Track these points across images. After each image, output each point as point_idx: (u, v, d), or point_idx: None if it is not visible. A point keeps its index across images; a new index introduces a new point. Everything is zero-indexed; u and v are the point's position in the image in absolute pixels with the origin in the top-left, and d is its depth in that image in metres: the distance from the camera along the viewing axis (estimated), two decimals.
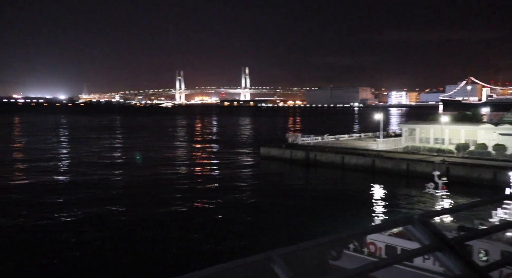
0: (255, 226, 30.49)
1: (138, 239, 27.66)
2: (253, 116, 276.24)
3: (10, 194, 40.67)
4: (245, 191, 43.72)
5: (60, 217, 32.96)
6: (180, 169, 57.34)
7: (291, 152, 62.45)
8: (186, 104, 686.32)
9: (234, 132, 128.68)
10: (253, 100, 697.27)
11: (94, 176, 50.28)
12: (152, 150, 78.68)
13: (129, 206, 36.18)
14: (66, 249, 25.66)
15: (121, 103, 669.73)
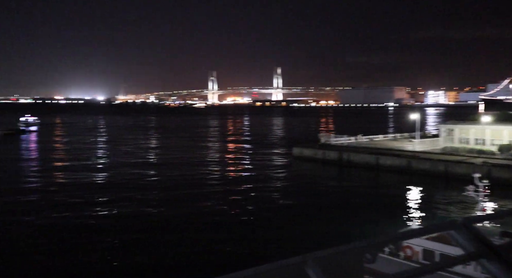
0: (287, 228, 30.18)
1: (169, 240, 27.98)
2: (285, 116, 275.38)
3: (43, 193, 42.47)
4: (277, 191, 43.60)
5: (94, 217, 34.02)
6: (212, 169, 57.94)
7: (324, 152, 61.72)
8: (218, 104, 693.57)
9: (266, 133, 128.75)
10: (285, 101, 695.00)
11: (129, 176, 51.66)
12: (185, 149, 80.00)
13: (160, 207, 36.81)
14: (100, 249, 26.43)
15: (155, 104, 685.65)
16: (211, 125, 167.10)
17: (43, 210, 34.91)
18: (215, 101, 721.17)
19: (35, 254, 25.16)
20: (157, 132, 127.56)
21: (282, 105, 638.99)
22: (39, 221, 31.70)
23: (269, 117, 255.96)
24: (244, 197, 40.23)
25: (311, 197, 40.79)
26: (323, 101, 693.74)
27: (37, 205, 36.87)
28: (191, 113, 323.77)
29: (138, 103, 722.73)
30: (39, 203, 37.55)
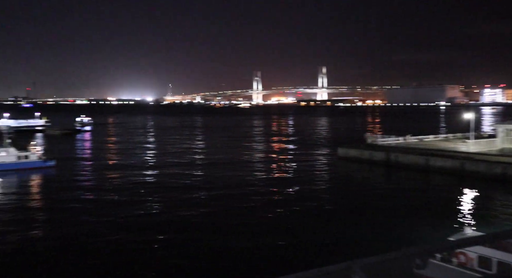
0: (333, 233, 29.45)
1: (210, 241, 28.33)
2: (330, 116, 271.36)
3: (96, 190, 44.49)
4: (321, 194, 42.94)
5: (141, 215, 35.20)
6: (256, 169, 58.18)
7: (371, 152, 60.08)
8: (263, 104, 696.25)
9: (311, 133, 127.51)
10: (330, 100, 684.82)
11: (175, 175, 53.04)
12: (230, 149, 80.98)
13: (203, 207, 37.38)
14: (147, 249, 27.27)
15: (201, 104, 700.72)
16: (255, 125, 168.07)
17: (97, 207, 36.68)
18: (259, 101, 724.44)
19: (87, 250, 26.48)
20: (203, 132, 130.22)
21: (327, 105, 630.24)
22: (91, 218, 33.33)
23: (314, 117, 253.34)
24: (288, 199, 39.92)
25: (357, 199, 39.79)
26: (370, 101, 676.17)
27: (92, 202, 38.80)
28: (236, 113, 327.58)
29: (185, 103, 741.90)
30: (93, 200, 39.51)
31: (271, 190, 43.41)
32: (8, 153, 53.79)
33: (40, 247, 26.48)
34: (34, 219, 32.82)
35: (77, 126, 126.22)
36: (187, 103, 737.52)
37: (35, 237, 28.39)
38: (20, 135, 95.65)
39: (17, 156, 54.28)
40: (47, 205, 37.30)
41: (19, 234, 28.83)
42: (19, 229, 29.91)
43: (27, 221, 31.87)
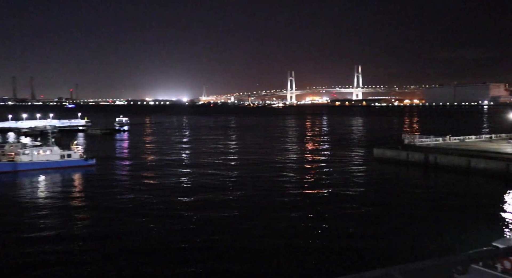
0: (369, 237, 28.80)
1: (243, 244, 28.38)
2: (365, 116, 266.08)
3: (130, 191, 45.65)
4: (357, 196, 42.09)
5: (175, 217, 35.79)
6: (289, 170, 57.90)
7: (408, 153, 58.39)
8: (296, 104, 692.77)
9: (345, 133, 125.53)
10: (366, 100, 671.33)
11: (209, 174, 53.66)
12: (263, 149, 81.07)
13: (237, 209, 37.56)
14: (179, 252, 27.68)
15: (235, 104, 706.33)
16: (289, 125, 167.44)
17: (134, 205, 37.74)
18: (293, 101, 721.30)
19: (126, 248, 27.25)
20: (236, 131, 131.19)
21: (363, 105, 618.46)
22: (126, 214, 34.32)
23: (349, 117, 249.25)
24: (322, 202, 39.31)
25: (395, 202, 38.71)
26: (407, 100, 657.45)
27: (130, 200, 39.95)
28: (269, 113, 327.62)
29: (219, 103, 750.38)
30: (130, 198, 40.67)
31: (305, 192, 42.96)
32: (52, 151, 56.41)
33: (81, 243, 27.53)
34: (76, 215, 34.17)
35: (116, 126, 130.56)
36: (221, 104, 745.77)
37: (77, 232, 29.56)
38: (63, 134, 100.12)
39: (60, 155, 56.81)
40: (87, 202, 38.75)
41: (62, 229, 30.13)
42: (62, 224, 31.27)
43: (69, 217, 33.24)
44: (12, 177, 50.24)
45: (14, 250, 25.77)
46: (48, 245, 26.72)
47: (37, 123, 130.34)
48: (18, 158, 53.83)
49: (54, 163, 55.59)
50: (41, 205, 37.16)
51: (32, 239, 27.97)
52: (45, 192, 42.81)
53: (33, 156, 54.67)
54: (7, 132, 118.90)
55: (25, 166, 53.63)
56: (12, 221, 32.12)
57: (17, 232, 29.36)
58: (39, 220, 32.38)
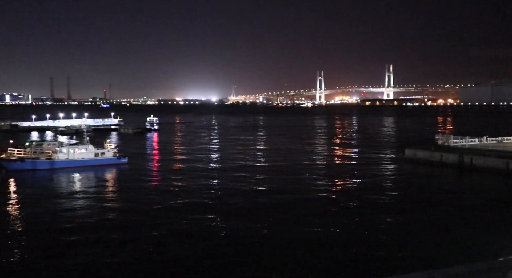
0: (406, 241, 28.12)
1: (276, 250, 28.34)
2: (397, 116, 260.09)
3: (160, 190, 46.43)
4: (387, 198, 41.18)
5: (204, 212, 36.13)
6: (318, 171, 57.37)
7: (442, 154, 56.61)
8: (326, 104, 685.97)
9: (376, 133, 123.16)
10: (397, 100, 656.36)
11: (238, 175, 53.90)
12: (291, 150, 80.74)
13: (265, 211, 37.53)
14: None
15: (264, 104, 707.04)
16: (318, 125, 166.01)
17: (163, 204, 38.48)
18: (322, 101, 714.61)
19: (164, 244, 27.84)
20: (264, 131, 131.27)
21: (394, 105, 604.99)
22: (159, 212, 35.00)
23: (379, 117, 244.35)
24: (352, 205, 38.60)
25: (426, 205, 37.60)
26: (441, 100, 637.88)
27: (159, 199, 40.75)
28: (298, 113, 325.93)
29: (248, 103, 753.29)
30: (160, 197, 41.49)
31: (333, 194, 42.24)
32: (87, 150, 58.32)
33: (115, 240, 28.33)
34: (108, 211, 35.20)
35: (148, 125, 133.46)
36: (249, 103, 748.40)
37: (112, 229, 30.44)
38: (97, 133, 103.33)
39: (94, 153, 58.66)
40: (120, 198, 39.81)
41: (95, 222, 31.15)
42: (95, 218, 32.32)
43: (102, 213, 34.30)
44: (50, 174, 52.29)
45: (50, 240, 26.85)
46: (80, 236, 27.65)
47: (73, 122, 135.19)
48: (55, 156, 55.95)
49: (88, 161, 57.44)
50: (76, 201, 38.48)
51: (67, 230, 29.01)
52: (80, 189, 44.30)
53: (70, 154, 56.67)
54: (45, 131, 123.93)
55: (62, 163, 55.67)
56: (49, 215, 33.44)
57: (54, 223, 30.56)
58: (74, 214, 33.55)
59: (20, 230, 30.18)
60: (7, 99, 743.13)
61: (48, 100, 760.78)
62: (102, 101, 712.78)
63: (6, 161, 54.11)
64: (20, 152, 56.08)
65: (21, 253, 25.52)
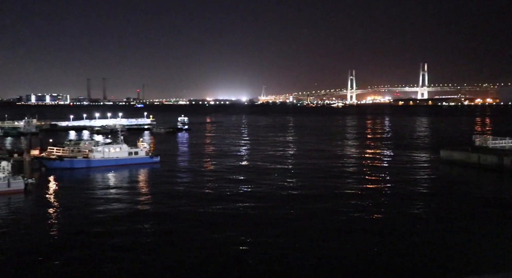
0: (442, 246, 27.31)
1: (306, 251, 28.18)
2: (431, 116, 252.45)
3: (192, 189, 47.01)
4: (421, 201, 40.07)
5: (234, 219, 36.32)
6: (349, 171, 56.56)
7: (479, 156, 54.48)
8: (357, 104, 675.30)
9: (409, 133, 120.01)
10: (432, 99, 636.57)
11: (267, 176, 53.91)
12: (322, 150, 79.97)
13: (292, 213, 37.35)
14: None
15: (294, 104, 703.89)
16: (349, 125, 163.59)
17: (194, 203, 39.06)
18: (353, 101, 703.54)
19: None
20: (294, 131, 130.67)
21: (429, 104, 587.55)
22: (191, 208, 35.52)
23: (413, 117, 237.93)
24: (386, 208, 37.59)
25: (462, 208, 36.29)
26: (479, 100, 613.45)
27: (191, 197, 41.39)
28: (329, 113, 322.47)
29: (278, 103, 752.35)
30: (192, 196, 42.11)
31: (366, 197, 41.16)
32: (121, 149, 60.03)
33: (148, 237, 29.04)
34: (143, 209, 36.10)
35: (179, 125, 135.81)
36: (279, 103, 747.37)
37: (144, 226, 31.21)
38: (130, 133, 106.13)
39: (128, 152, 60.29)
40: (152, 196, 40.76)
41: (128, 218, 32.02)
42: (128, 214, 33.23)
43: (135, 209, 35.22)
44: (86, 172, 54.18)
45: (86, 234, 27.84)
46: (113, 228, 28.51)
47: (108, 122, 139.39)
48: (91, 155, 57.92)
49: (122, 160, 59.09)
50: (110, 197, 39.70)
51: (101, 222, 29.98)
52: (114, 186, 45.66)
53: (105, 153, 58.50)
54: (82, 130, 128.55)
55: (98, 162, 57.55)
56: (85, 211, 34.65)
57: (90, 219, 31.66)
58: (108, 210, 34.63)
59: (57, 222, 31.42)
60: (47, 100, 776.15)
61: (85, 101, 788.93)
62: (136, 102, 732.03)
63: (46, 159, 56.53)
64: (59, 151, 58.42)
65: (58, 240, 26.58)
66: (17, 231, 29.81)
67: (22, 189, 41.26)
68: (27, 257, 24.78)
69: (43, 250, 26.07)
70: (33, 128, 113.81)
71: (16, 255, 25.16)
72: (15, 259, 24.63)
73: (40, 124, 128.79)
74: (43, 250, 25.98)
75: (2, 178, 41.46)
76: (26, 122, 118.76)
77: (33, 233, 29.43)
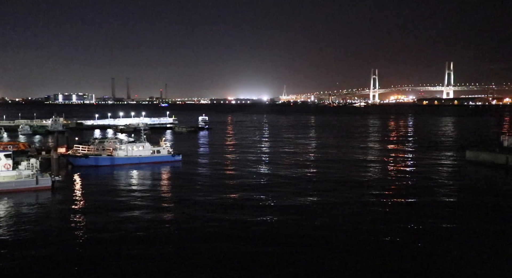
0: (469, 253, 26.73)
1: (324, 255, 28.02)
2: (457, 116, 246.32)
3: (213, 187, 47.32)
4: (448, 203, 39.16)
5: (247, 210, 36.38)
6: (372, 172, 55.80)
7: (507, 156, 52.89)
8: (380, 103, 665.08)
9: (433, 134, 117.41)
10: (458, 99, 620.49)
11: (288, 176, 53.76)
12: (342, 151, 79.21)
13: (316, 216, 37.14)
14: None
15: (315, 103, 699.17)
16: (371, 125, 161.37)
17: (215, 201, 39.40)
18: (376, 100, 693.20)
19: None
20: (315, 131, 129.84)
21: (454, 104, 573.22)
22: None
23: (438, 117, 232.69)
24: (409, 211, 37.01)
25: (490, 213, 35.31)
26: (508, 99, 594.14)
27: (212, 196, 41.76)
28: (350, 112, 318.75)
29: (299, 103, 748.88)
30: (212, 195, 42.49)
31: (389, 199, 40.37)
32: (144, 147, 61.08)
33: (165, 230, 29.50)
34: (165, 207, 36.65)
35: (200, 124, 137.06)
36: (300, 103, 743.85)
37: (161, 220, 31.72)
38: (153, 131, 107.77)
39: (151, 150, 61.29)
40: (174, 194, 41.30)
41: (149, 215, 32.61)
42: (150, 211, 33.82)
43: (157, 207, 35.80)
44: (110, 170, 55.38)
45: (110, 230, 28.52)
46: (137, 227, 29.07)
47: (131, 121, 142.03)
48: (115, 153, 59.16)
49: (145, 158, 60.12)
50: (134, 196, 40.46)
51: (125, 221, 30.63)
52: (137, 183, 46.51)
53: (128, 151, 59.65)
54: (106, 129, 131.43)
55: (121, 160, 58.73)
56: (110, 207, 35.48)
57: (114, 215, 32.41)
58: (131, 207, 35.35)
59: (83, 217, 32.28)
60: (73, 99, 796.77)
61: (109, 100, 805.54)
62: (159, 101, 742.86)
63: (72, 157, 58.09)
64: (85, 149, 59.93)
65: (83, 233, 27.34)
66: (45, 226, 30.77)
67: (49, 186, 42.53)
68: (54, 251, 25.55)
69: (70, 244, 26.83)
70: (60, 127, 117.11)
71: (44, 249, 25.98)
72: (43, 252, 25.43)
73: (66, 123, 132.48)
74: (69, 245, 26.73)
75: (31, 175, 42.88)
76: (53, 121, 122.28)
77: (60, 228, 30.33)
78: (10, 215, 33.82)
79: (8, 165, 43.33)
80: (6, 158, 43.38)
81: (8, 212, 34.68)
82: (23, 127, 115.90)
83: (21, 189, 41.36)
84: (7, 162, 43.34)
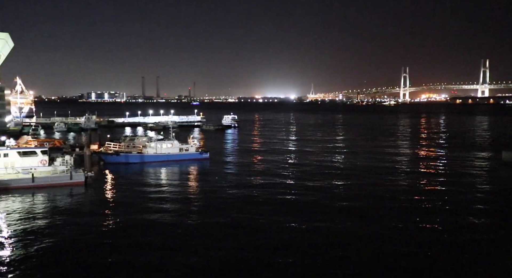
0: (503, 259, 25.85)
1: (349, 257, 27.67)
2: (493, 115, 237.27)
3: (240, 186, 47.49)
4: (480, 206, 37.87)
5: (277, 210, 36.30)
6: (402, 173, 54.60)
7: None
8: (410, 102, 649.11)
9: (467, 133, 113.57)
10: (493, 97, 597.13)
11: (315, 175, 53.36)
12: (372, 150, 77.87)
13: (341, 217, 36.72)
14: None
15: (344, 102, 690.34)
16: (401, 124, 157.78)
17: (242, 200, 39.56)
18: (407, 99, 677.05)
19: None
20: (344, 129, 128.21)
21: (490, 103, 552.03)
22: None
23: (472, 116, 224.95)
24: (440, 214, 35.96)
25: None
26: None
27: (239, 194, 41.99)
28: (380, 111, 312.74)
29: (327, 101, 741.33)
30: (239, 193, 42.71)
31: (420, 202, 39.43)
32: (173, 145, 62.14)
33: (193, 226, 29.90)
34: (193, 204, 37.16)
35: (227, 122, 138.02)
36: (329, 101, 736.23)
37: (193, 220, 32.16)
38: (181, 129, 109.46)
39: (179, 148, 62.28)
40: (202, 192, 41.81)
41: (177, 212, 33.14)
42: (178, 208, 34.37)
43: (185, 204, 36.34)
44: (140, 167, 56.67)
45: (140, 226, 29.21)
46: (164, 220, 29.61)
47: (160, 119, 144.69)
48: (145, 150, 60.47)
49: (174, 156, 61.13)
50: (163, 191, 41.27)
51: (154, 216, 31.28)
52: (166, 180, 47.40)
53: (157, 149, 60.83)
54: (136, 126, 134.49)
55: (151, 157, 59.98)
56: (139, 203, 36.32)
57: (143, 211, 33.16)
58: (160, 203, 36.06)
59: (114, 212, 33.21)
60: (105, 97, 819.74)
61: (140, 98, 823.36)
62: (187, 99, 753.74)
63: (104, 154, 59.81)
64: (116, 146, 61.57)
65: (113, 226, 28.12)
66: (78, 219, 31.87)
67: (82, 182, 44.02)
68: (85, 245, 26.42)
69: (101, 236, 27.69)
70: (92, 124, 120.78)
71: (76, 242, 26.90)
72: (75, 245, 26.34)
73: (99, 120, 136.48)
74: (101, 236, 27.60)
75: (65, 171, 44.54)
76: (86, 118, 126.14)
77: (92, 222, 31.32)
78: (46, 208, 35.31)
79: (44, 160, 45.22)
80: (42, 154, 45.32)
81: (44, 205, 36.22)
82: (58, 124, 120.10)
83: (56, 183, 43.00)
84: (44, 158, 45.24)
